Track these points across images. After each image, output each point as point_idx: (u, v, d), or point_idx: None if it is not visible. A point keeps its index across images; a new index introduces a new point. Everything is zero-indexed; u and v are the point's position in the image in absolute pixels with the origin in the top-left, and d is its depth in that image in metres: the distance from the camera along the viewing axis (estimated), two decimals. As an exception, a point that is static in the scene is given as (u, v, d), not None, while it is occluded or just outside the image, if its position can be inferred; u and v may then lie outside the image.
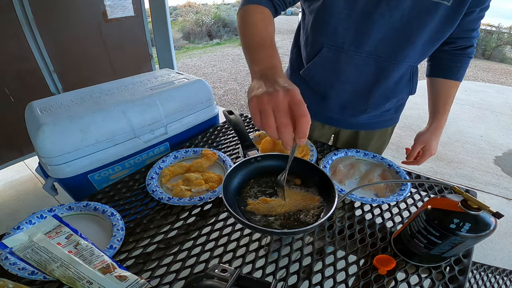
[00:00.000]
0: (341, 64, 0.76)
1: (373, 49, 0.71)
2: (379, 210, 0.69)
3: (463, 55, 0.79)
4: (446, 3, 0.63)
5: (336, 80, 0.80)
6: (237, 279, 0.38)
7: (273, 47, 0.56)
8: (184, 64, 5.45)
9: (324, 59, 0.77)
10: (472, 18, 0.70)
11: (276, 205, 0.55)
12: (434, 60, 0.85)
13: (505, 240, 1.73)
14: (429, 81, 0.87)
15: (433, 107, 0.86)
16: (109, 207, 0.62)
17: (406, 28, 0.67)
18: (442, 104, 0.84)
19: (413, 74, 0.79)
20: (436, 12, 0.64)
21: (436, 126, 0.84)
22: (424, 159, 0.86)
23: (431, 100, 0.87)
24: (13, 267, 0.47)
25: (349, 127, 0.96)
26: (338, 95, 0.84)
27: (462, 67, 0.81)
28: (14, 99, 1.56)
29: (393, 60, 0.73)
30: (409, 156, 0.88)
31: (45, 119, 0.78)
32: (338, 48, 0.74)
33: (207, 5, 10.46)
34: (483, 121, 3.44)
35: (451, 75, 0.82)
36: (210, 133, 0.98)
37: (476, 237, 0.46)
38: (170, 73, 1.16)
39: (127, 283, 0.45)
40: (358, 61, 0.74)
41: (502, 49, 6.94)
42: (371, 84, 0.78)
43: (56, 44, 1.65)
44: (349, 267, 0.55)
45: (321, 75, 0.81)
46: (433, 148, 0.84)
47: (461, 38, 0.76)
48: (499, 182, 2.29)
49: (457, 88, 0.83)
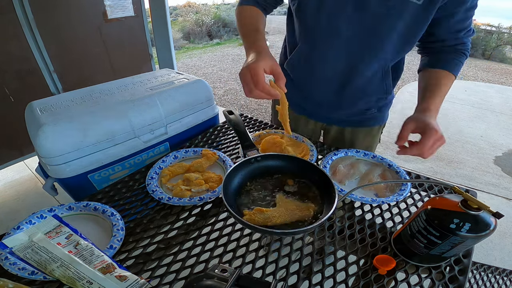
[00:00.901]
0: (315, 61, 0.80)
1: (343, 46, 0.74)
2: (379, 210, 0.69)
3: (457, 52, 0.75)
4: (416, 1, 0.63)
5: (311, 75, 0.84)
6: (237, 279, 0.38)
7: (259, 33, 0.71)
8: (184, 64, 5.45)
9: (299, 55, 0.83)
10: (458, 19, 0.68)
11: (271, 215, 0.55)
12: (425, 55, 0.81)
13: (505, 240, 1.73)
14: (419, 76, 0.79)
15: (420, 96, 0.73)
16: (109, 207, 0.62)
17: (376, 26, 0.68)
18: (429, 90, 0.71)
19: (386, 74, 0.79)
20: (406, 10, 0.64)
21: (422, 109, 0.68)
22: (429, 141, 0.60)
23: (420, 90, 0.75)
24: (13, 267, 0.47)
25: (332, 122, 0.97)
26: (313, 90, 0.88)
27: (455, 59, 0.74)
28: (14, 99, 1.56)
29: (363, 58, 0.74)
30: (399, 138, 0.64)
31: (45, 119, 0.78)
32: (311, 45, 0.79)
33: (207, 5, 10.45)
34: (483, 121, 3.44)
35: (443, 65, 0.74)
36: (210, 133, 0.98)
37: (476, 237, 0.46)
38: (170, 73, 1.16)
39: (127, 283, 0.45)
40: (330, 58, 0.77)
41: (502, 49, 6.94)
42: (343, 81, 0.80)
43: (56, 44, 1.65)
44: (349, 267, 0.55)
45: (298, 70, 0.87)
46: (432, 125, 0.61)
47: (452, 38, 0.74)
48: (499, 182, 2.29)
49: (452, 82, 0.73)
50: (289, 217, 0.55)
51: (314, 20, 0.73)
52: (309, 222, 0.55)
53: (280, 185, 0.64)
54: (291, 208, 0.57)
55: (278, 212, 0.55)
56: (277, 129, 0.98)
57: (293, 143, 0.87)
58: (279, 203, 0.58)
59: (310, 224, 0.53)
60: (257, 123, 1.03)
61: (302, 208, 0.57)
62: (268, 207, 0.57)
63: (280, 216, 0.55)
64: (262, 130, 0.95)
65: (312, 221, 0.55)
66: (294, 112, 0.98)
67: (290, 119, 0.87)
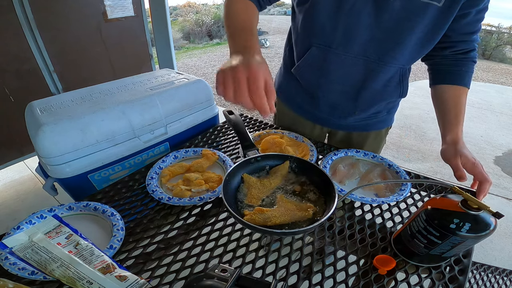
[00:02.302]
0: (329, 64, 0.76)
1: (361, 50, 0.71)
2: (379, 210, 0.69)
3: (466, 60, 0.74)
4: (437, 3, 0.61)
5: (324, 79, 0.79)
6: (237, 279, 0.38)
7: (250, 32, 0.60)
8: (184, 64, 5.46)
9: (312, 58, 0.78)
10: (469, 20, 0.66)
11: (271, 215, 0.55)
12: (436, 67, 0.78)
13: (505, 240, 1.73)
14: (433, 92, 0.78)
15: (443, 121, 0.74)
16: (109, 207, 0.62)
17: (395, 29, 0.66)
18: (453, 115, 0.73)
19: (403, 77, 0.77)
20: (426, 13, 0.62)
21: (452, 140, 0.70)
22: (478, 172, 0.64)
23: (440, 113, 0.76)
24: (13, 267, 0.47)
25: (340, 128, 0.95)
26: (326, 95, 0.84)
27: (468, 71, 0.74)
28: (14, 99, 1.57)
29: (381, 62, 0.71)
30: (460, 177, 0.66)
31: (45, 119, 0.78)
32: (326, 47, 0.74)
33: (207, 5, 10.47)
34: (483, 121, 3.44)
35: (458, 80, 0.74)
36: (210, 133, 0.98)
37: (476, 237, 0.46)
38: (170, 73, 1.16)
39: (127, 283, 0.45)
40: (346, 61, 0.73)
41: (502, 49, 6.95)
42: (359, 85, 0.77)
43: (56, 44, 1.65)
44: (349, 267, 0.55)
45: (310, 74, 0.81)
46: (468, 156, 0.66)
47: (461, 41, 0.71)
48: (499, 182, 2.29)
49: (466, 95, 0.74)
50: (289, 217, 0.55)
51: (330, 21, 0.69)
52: (309, 222, 0.55)
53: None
54: (291, 208, 0.57)
55: (278, 212, 0.55)
56: (277, 129, 0.98)
57: (293, 143, 0.87)
58: (279, 203, 0.58)
59: (310, 224, 0.53)
60: (257, 123, 1.03)
61: (302, 208, 0.57)
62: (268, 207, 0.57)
63: (280, 216, 0.55)
64: (262, 130, 0.95)
65: (313, 221, 0.55)
66: (301, 116, 0.96)
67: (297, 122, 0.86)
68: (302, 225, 0.55)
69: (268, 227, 0.53)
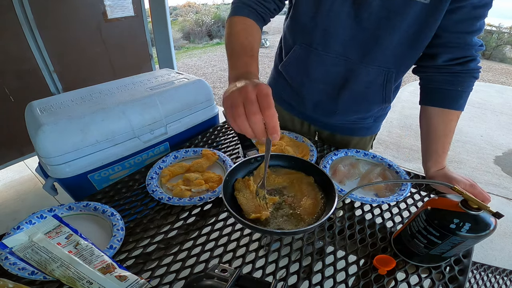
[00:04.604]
0: (311, 63, 0.76)
1: (341, 50, 0.70)
2: (379, 210, 0.69)
3: (465, 74, 0.64)
4: (423, 0, 0.57)
5: (307, 78, 0.80)
6: (237, 279, 0.38)
7: (251, 55, 0.59)
8: (184, 64, 5.46)
9: (296, 57, 0.79)
10: (462, 17, 0.58)
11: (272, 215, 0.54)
12: (428, 83, 0.71)
13: (505, 240, 1.73)
14: (422, 112, 0.73)
15: (429, 150, 0.71)
16: (109, 207, 0.62)
17: (374, 29, 0.64)
18: (440, 146, 0.69)
19: (387, 81, 0.72)
20: (409, 11, 0.59)
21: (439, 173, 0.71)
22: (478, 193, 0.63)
23: (426, 139, 0.72)
24: (13, 267, 0.47)
25: (325, 128, 0.95)
26: (309, 92, 0.84)
27: (465, 92, 0.65)
28: (14, 99, 1.57)
29: (362, 62, 0.70)
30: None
31: (45, 119, 0.79)
32: (307, 46, 0.75)
33: (207, 5, 10.47)
34: (483, 121, 3.44)
35: (451, 103, 0.66)
36: (210, 133, 0.98)
37: (476, 237, 0.46)
38: (170, 73, 1.16)
39: (127, 283, 0.45)
40: (327, 60, 0.73)
41: (502, 49, 6.95)
42: (340, 85, 0.77)
43: (56, 44, 1.65)
44: (349, 267, 0.55)
45: (294, 71, 0.83)
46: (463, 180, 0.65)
47: (455, 46, 0.63)
48: (499, 182, 2.29)
49: (458, 118, 0.68)
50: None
51: (310, 21, 0.70)
52: (309, 222, 0.55)
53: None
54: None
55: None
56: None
57: (293, 143, 0.87)
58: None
59: (310, 224, 0.53)
60: (257, 123, 1.03)
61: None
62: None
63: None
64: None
65: (312, 221, 0.55)
66: (290, 113, 0.97)
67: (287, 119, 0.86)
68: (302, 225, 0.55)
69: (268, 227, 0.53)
